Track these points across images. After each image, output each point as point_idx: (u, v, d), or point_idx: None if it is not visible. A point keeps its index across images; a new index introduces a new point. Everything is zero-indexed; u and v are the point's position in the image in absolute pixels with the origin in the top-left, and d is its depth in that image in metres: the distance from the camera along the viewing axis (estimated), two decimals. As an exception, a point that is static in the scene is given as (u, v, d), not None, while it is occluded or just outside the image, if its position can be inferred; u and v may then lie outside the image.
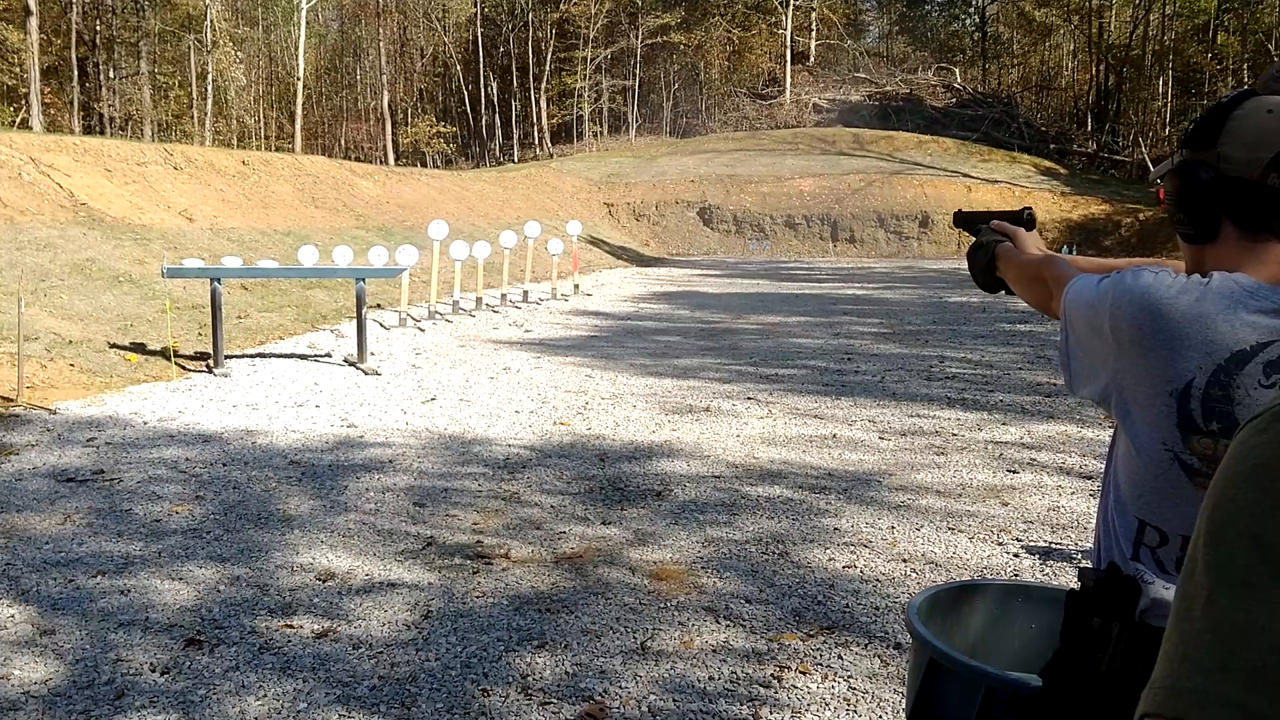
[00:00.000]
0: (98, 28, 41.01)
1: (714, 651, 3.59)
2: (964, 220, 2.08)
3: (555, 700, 3.22)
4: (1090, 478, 5.95)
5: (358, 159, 42.26)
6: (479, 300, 15.68)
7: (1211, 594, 0.61)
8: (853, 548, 4.74)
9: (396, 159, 49.10)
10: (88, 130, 36.89)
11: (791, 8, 54.53)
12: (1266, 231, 1.39)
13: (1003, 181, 35.85)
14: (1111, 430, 1.56)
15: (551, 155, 47.29)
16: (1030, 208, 1.98)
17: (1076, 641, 1.50)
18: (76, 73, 38.63)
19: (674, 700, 3.22)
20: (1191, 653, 0.61)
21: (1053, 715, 1.54)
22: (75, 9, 38.60)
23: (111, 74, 42.35)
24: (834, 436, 7.09)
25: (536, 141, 51.33)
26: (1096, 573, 1.48)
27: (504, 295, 16.71)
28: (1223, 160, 1.39)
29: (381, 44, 52.62)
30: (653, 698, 3.24)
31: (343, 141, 55.84)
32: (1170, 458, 1.38)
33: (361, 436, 6.98)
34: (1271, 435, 0.63)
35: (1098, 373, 1.48)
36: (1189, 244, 1.48)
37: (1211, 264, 1.43)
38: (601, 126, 52.52)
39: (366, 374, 9.64)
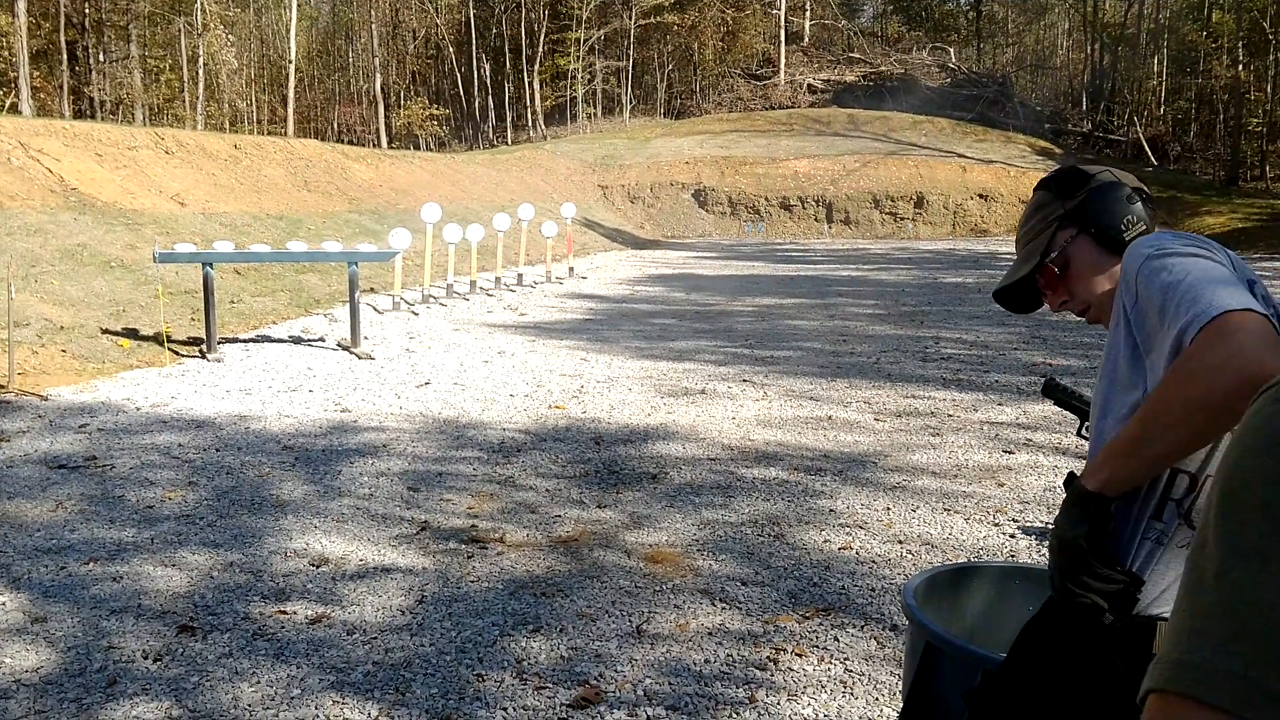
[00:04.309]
0: (87, 11, 40.67)
1: (710, 634, 3.58)
2: (1053, 392, 1.99)
3: (550, 685, 3.20)
4: (1086, 458, 5.93)
5: (350, 142, 42.08)
6: (473, 284, 15.63)
7: (1223, 566, 0.59)
8: (848, 529, 4.72)
9: (389, 142, 48.86)
10: (78, 114, 36.66)
11: (785, -12, 54.25)
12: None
13: (998, 162, 35.79)
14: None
15: (545, 137, 47.08)
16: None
17: (1071, 624, 1.49)
18: (66, 56, 38.33)
19: (669, 683, 3.21)
20: (1201, 626, 0.59)
21: (1026, 670, 1.55)
22: (64, -8, 38.28)
23: (101, 58, 42.04)
24: (829, 418, 7.07)
25: (530, 123, 51.07)
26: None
27: (498, 278, 16.65)
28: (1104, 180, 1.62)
29: (373, 26, 52.26)
30: (648, 681, 3.23)
31: (335, 125, 55.57)
32: None
33: (355, 421, 6.96)
34: None
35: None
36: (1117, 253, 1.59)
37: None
38: (595, 108, 52.27)
39: (360, 358, 9.60)
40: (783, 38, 54.10)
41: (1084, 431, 1.72)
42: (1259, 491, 0.59)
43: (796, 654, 3.43)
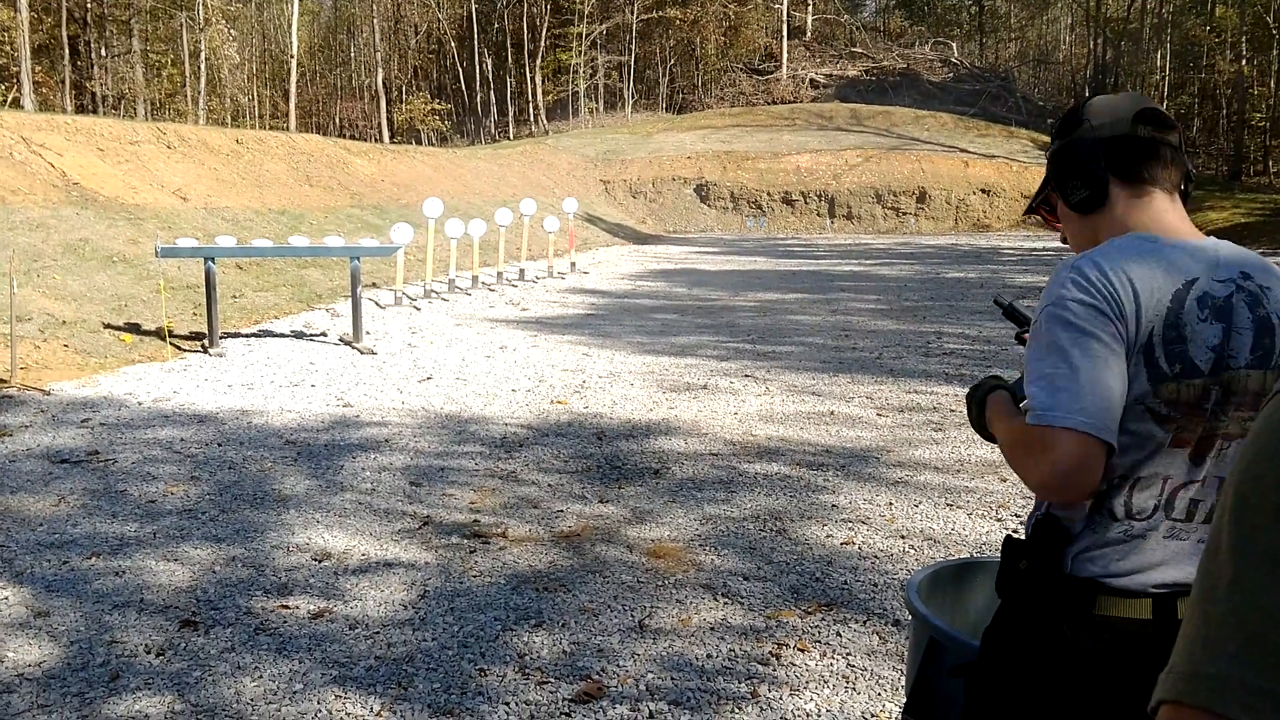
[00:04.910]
0: (89, 5, 40.62)
1: (712, 629, 3.58)
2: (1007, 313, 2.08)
3: (552, 679, 3.20)
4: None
5: (352, 137, 42.08)
6: (475, 278, 15.62)
7: (1237, 574, 0.58)
8: (851, 524, 4.72)
9: (391, 137, 48.83)
10: (80, 109, 36.65)
11: (788, -18, 54.16)
12: (1150, 183, 1.52)
13: (1000, 156, 35.74)
14: None
15: (547, 132, 47.03)
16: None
17: (1005, 585, 1.57)
18: (68, 51, 38.30)
19: (672, 678, 3.21)
20: (1215, 636, 0.57)
21: (991, 670, 1.57)
22: (65, -14, 38.24)
23: (103, 52, 42.01)
24: (832, 413, 7.07)
25: (532, 118, 51.03)
26: (1033, 517, 1.55)
27: (500, 273, 16.64)
28: (1096, 129, 1.55)
29: (375, 20, 52.22)
30: (650, 676, 3.22)
31: (337, 120, 55.55)
32: (1144, 412, 1.43)
33: (357, 416, 6.96)
34: None
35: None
36: (1084, 213, 1.58)
37: (1105, 230, 1.54)
38: (597, 103, 52.22)
39: (362, 353, 9.61)
40: (785, 32, 54.01)
41: (1020, 338, 1.88)
42: (1273, 496, 0.58)
43: (799, 649, 3.43)
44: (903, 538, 4.55)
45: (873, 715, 3.01)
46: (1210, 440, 1.44)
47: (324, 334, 10.68)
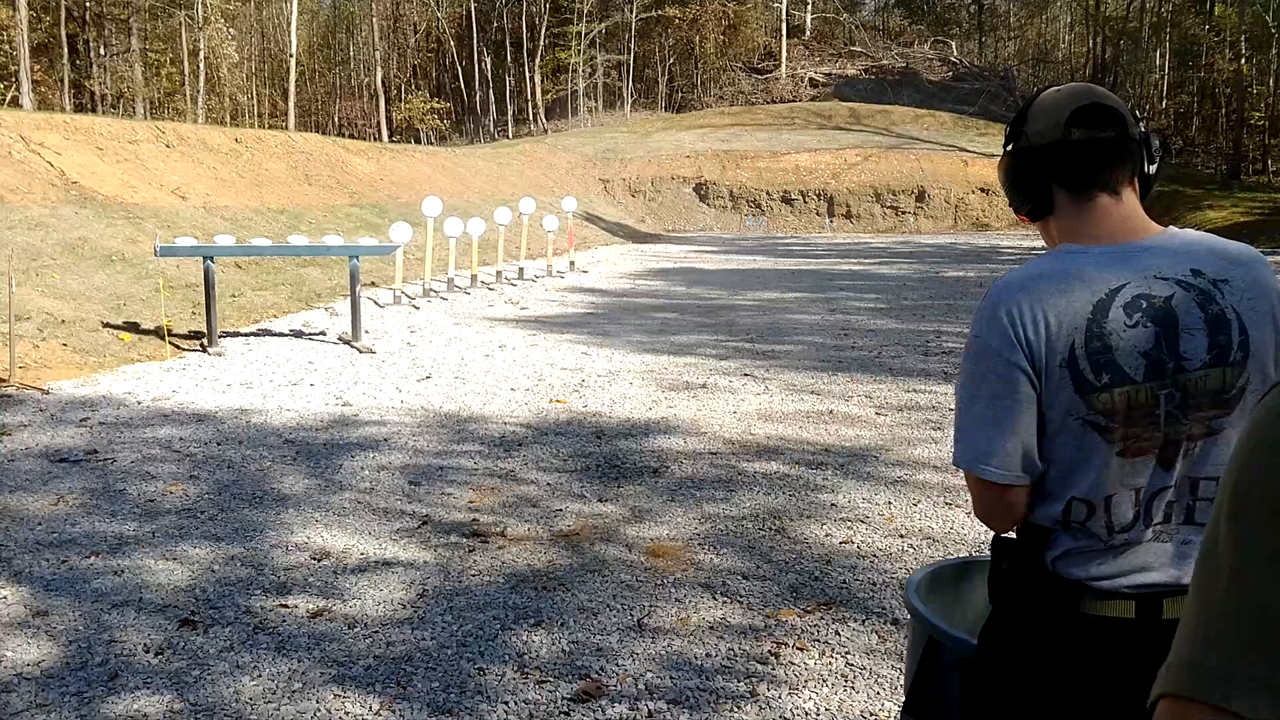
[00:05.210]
0: (88, 4, 40.59)
1: (711, 628, 3.58)
2: None
3: (552, 679, 3.20)
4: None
5: (351, 136, 42.03)
6: (474, 277, 15.62)
7: (1236, 569, 0.58)
8: (850, 523, 4.72)
9: (390, 136, 48.82)
10: (79, 108, 36.62)
11: (787, -19, 54.15)
12: (1090, 187, 1.52)
13: (999, 156, 35.69)
14: None
15: (546, 131, 47.02)
16: None
17: (990, 585, 1.59)
18: (67, 50, 38.27)
19: (671, 678, 3.21)
20: (1215, 631, 0.58)
21: (985, 667, 1.59)
22: (64, -15, 38.21)
23: (102, 51, 41.97)
24: (831, 412, 7.07)
25: (531, 117, 51.03)
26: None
27: (499, 272, 16.64)
28: (1032, 136, 1.56)
29: (374, 19, 52.23)
30: (649, 675, 3.22)
31: (336, 118, 55.51)
32: (1081, 425, 1.43)
33: (356, 415, 6.95)
34: None
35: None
36: (1033, 220, 1.62)
37: (1058, 233, 1.57)
38: (596, 102, 52.21)
39: (361, 352, 9.60)
40: (784, 31, 54.02)
41: None
42: (1271, 491, 0.58)
43: (798, 648, 3.43)
44: (901, 536, 4.55)
45: (872, 714, 3.01)
46: (1175, 445, 1.43)
47: (323, 333, 10.67)
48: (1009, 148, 1.63)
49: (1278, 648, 0.55)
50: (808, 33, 57.18)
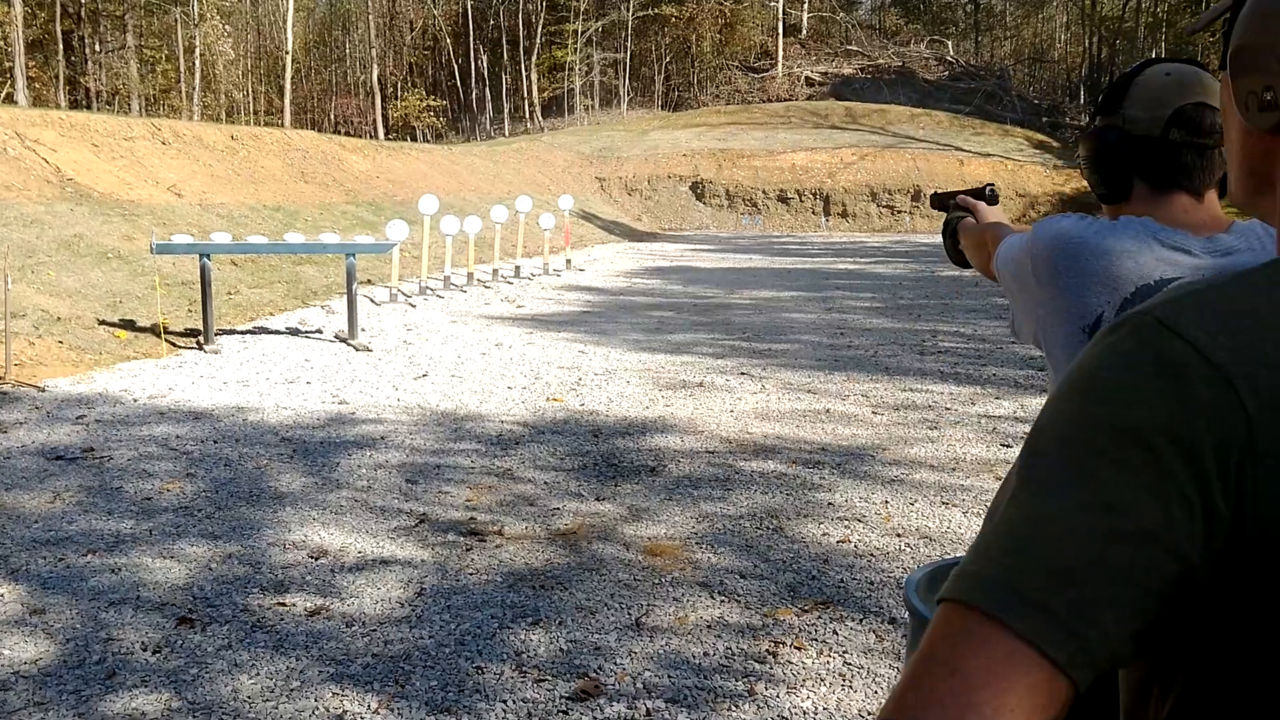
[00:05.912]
0: (83, 0, 40.51)
1: (709, 627, 3.59)
2: (937, 201, 2.17)
3: (549, 677, 3.20)
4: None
5: (347, 134, 41.96)
6: (470, 275, 15.61)
7: (1015, 493, 0.64)
8: (847, 522, 4.73)
9: (386, 133, 48.77)
10: (74, 105, 36.54)
11: (784, -20, 54.16)
12: (1174, 187, 1.48)
13: (995, 155, 35.76)
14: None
15: (542, 129, 46.99)
16: (993, 184, 2.06)
17: None
18: (62, 46, 38.19)
19: (669, 676, 3.21)
20: (986, 544, 0.64)
21: None
22: (59, -19, 38.11)
23: (98, 48, 41.89)
24: (827, 411, 7.07)
25: (527, 115, 51.00)
26: None
27: (495, 270, 16.63)
28: (1127, 122, 1.49)
29: (370, 16, 52.15)
30: (647, 674, 3.23)
31: (332, 116, 55.43)
32: None
33: (353, 413, 6.95)
34: (1102, 346, 0.65)
35: (1029, 318, 1.55)
36: (1105, 204, 1.58)
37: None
38: (593, 100, 52.20)
39: (358, 350, 9.59)
40: (780, 30, 54.01)
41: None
42: (1059, 428, 0.65)
43: (795, 647, 3.43)
44: (898, 536, 4.55)
45: (869, 713, 3.02)
46: None
47: (319, 331, 10.66)
48: (1098, 123, 1.54)
49: (1028, 557, 0.60)
50: (804, 32, 57.16)
